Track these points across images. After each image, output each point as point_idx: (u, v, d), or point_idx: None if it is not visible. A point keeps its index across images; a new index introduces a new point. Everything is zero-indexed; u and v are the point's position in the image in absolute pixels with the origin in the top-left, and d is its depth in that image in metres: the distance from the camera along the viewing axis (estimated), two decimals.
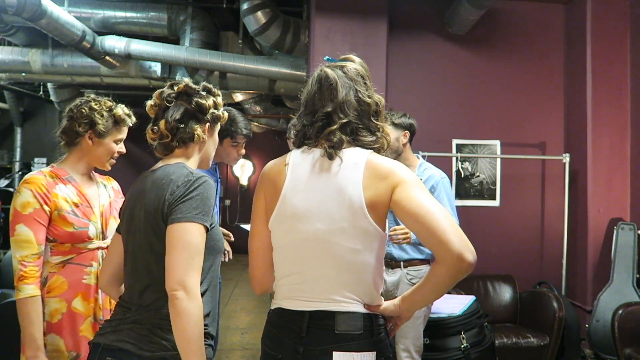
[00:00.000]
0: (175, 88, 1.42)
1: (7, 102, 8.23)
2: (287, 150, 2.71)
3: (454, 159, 4.21)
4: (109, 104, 1.78)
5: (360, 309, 1.23)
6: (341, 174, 1.23)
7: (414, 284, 1.67)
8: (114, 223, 1.77)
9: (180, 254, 1.22)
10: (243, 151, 2.53)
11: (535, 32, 4.32)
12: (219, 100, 1.48)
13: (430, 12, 4.26)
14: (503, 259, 4.09)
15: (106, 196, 1.84)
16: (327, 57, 1.40)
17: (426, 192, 1.20)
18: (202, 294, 1.28)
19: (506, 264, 4.07)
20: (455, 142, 4.24)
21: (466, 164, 4.26)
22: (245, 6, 4.42)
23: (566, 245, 3.99)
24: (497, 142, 4.27)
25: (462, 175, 4.26)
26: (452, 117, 4.25)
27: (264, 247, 1.34)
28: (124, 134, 1.83)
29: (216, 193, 2.47)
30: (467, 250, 1.10)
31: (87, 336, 1.66)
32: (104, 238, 1.75)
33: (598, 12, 3.99)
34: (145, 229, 1.32)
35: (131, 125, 1.85)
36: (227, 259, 2.45)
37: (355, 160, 1.24)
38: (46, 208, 1.64)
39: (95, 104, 1.74)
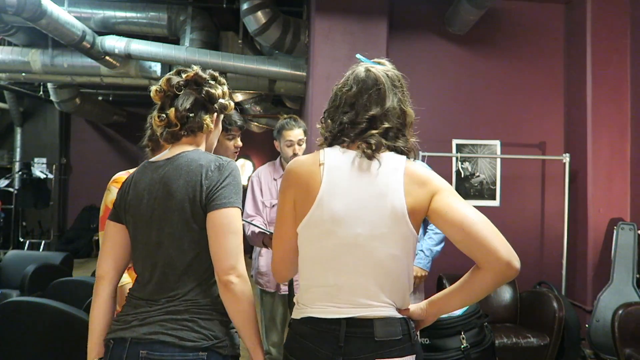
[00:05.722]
0: (184, 75, 1.38)
1: (7, 102, 8.23)
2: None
3: (454, 159, 4.21)
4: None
5: (395, 313, 1.22)
6: (381, 179, 1.21)
7: None
8: None
9: (231, 240, 1.24)
10: (240, 143, 2.48)
11: (535, 32, 4.32)
12: (225, 89, 1.45)
13: (430, 12, 4.26)
14: None
15: None
16: (359, 54, 1.35)
17: (462, 200, 1.21)
18: None
19: None
20: (455, 142, 4.24)
21: (466, 164, 4.26)
22: (245, 6, 4.42)
23: (566, 245, 3.99)
24: (497, 142, 4.27)
25: (462, 176, 4.25)
26: (452, 117, 4.25)
27: (293, 250, 1.28)
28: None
29: None
30: (514, 257, 1.13)
31: None
32: None
33: (598, 12, 3.98)
34: (176, 218, 1.28)
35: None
36: None
37: (394, 166, 1.22)
38: None
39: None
